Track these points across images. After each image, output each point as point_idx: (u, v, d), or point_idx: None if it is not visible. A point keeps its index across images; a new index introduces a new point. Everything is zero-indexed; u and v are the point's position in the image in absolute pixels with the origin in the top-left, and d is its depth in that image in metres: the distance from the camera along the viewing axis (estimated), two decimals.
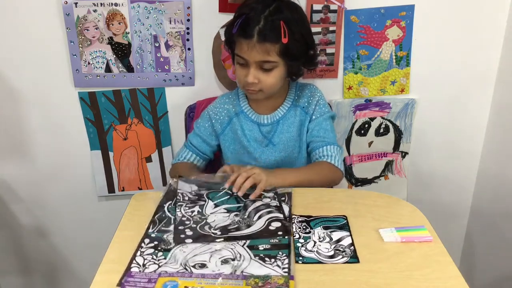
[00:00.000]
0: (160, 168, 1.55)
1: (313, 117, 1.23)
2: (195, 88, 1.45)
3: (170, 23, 1.36)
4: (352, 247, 0.88)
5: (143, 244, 0.89)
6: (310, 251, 0.86)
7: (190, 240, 0.89)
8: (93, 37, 1.36)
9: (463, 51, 1.46)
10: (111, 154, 1.52)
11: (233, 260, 0.83)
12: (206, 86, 1.45)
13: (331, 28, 1.40)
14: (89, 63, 1.39)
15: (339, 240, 0.89)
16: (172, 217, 0.97)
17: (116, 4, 1.33)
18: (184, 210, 0.99)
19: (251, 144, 1.25)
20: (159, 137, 1.51)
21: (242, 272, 0.80)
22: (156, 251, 0.87)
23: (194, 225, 0.93)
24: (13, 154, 1.50)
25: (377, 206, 1.02)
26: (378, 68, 1.47)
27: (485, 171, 1.61)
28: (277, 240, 0.88)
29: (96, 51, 1.38)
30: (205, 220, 0.95)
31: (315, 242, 0.89)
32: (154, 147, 1.52)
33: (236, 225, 0.93)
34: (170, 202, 1.04)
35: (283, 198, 1.03)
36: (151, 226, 0.95)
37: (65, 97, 1.43)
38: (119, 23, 1.35)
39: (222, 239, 0.89)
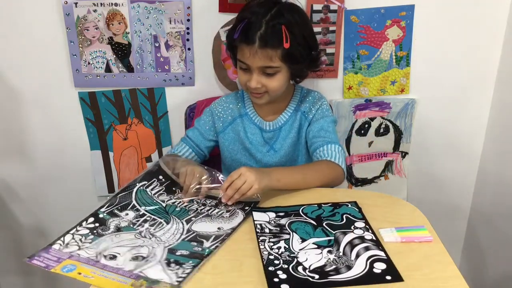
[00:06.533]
0: None
1: (314, 119, 1.22)
2: (195, 88, 1.45)
3: (170, 23, 1.36)
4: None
5: (84, 223, 0.85)
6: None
7: (287, 286, 0.76)
8: (93, 37, 1.36)
9: (463, 51, 1.46)
10: (111, 154, 1.52)
11: (144, 258, 0.79)
12: (206, 86, 1.45)
13: (331, 28, 1.40)
14: (89, 63, 1.39)
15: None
16: (133, 202, 0.91)
17: (116, 4, 1.33)
18: (268, 245, 0.87)
19: (254, 147, 1.25)
20: (159, 137, 1.51)
21: (141, 271, 0.76)
22: (90, 234, 0.83)
23: (285, 266, 0.81)
24: (13, 154, 1.50)
25: (377, 206, 1.02)
26: (378, 68, 1.47)
27: (485, 171, 1.61)
28: (200, 249, 0.83)
29: (96, 51, 1.38)
30: (295, 259, 0.83)
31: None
32: (154, 147, 1.52)
33: (334, 266, 0.81)
34: (145, 182, 0.97)
35: (246, 208, 0.99)
36: (106, 204, 0.90)
37: (65, 97, 1.43)
38: (119, 23, 1.35)
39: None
